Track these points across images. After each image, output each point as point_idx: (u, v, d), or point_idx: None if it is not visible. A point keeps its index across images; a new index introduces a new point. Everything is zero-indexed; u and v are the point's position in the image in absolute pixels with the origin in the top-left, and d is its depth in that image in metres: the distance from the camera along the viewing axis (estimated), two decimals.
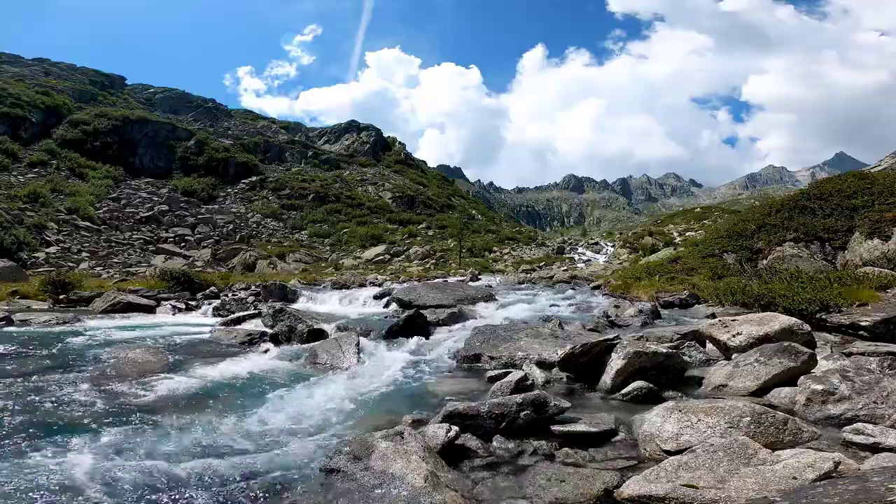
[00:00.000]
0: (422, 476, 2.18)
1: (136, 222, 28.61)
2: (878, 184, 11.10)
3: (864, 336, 5.01)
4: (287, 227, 35.92)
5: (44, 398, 3.54)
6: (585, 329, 5.86)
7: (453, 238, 32.73)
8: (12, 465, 2.44)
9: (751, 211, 14.60)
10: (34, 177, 29.76)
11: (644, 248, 25.00)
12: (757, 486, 1.91)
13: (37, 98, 38.49)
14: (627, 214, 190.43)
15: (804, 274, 7.76)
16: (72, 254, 21.19)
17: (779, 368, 3.29)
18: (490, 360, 4.72)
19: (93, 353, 5.09)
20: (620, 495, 2.09)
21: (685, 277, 10.57)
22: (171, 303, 9.57)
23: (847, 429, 2.54)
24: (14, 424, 3.02)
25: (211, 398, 3.71)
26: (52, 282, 10.48)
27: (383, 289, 11.32)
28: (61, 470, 2.39)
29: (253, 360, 5.01)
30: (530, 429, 2.82)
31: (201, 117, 54.87)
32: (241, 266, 22.23)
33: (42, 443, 2.74)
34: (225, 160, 43.11)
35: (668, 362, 3.74)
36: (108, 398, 3.60)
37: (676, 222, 36.22)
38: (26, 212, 23.17)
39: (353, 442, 2.50)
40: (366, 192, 45.15)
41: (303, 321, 6.67)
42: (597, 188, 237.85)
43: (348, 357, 4.81)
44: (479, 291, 9.69)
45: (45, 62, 52.17)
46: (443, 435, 2.59)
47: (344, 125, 65.60)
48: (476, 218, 46.72)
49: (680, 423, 2.57)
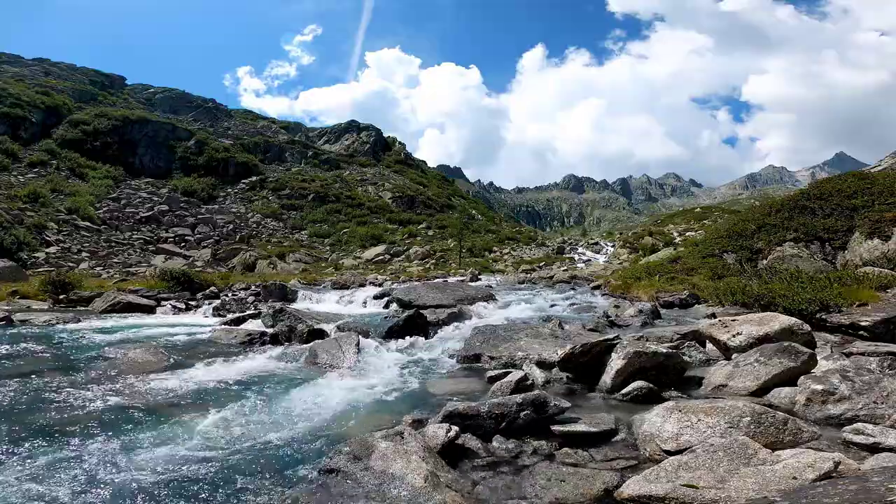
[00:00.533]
0: (422, 476, 2.18)
1: (136, 222, 28.61)
2: (878, 184, 11.10)
3: (864, 336, 5.01)
4: (287, 227, 35.92)
5: (44, 398, 3.54)
6: (585, 329, 5.86)
7: (453, 238, 32.74)
8: (12, 466, 2.44)
9: (751, 211, 14.60)
10: (34, 177, 29.76)
11: (644, 248, 25.01)
12: (757, 486, 1.91)
13: (37, 98, 38.49)
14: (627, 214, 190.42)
15: (804, 274, 7.76)
16: (72, 254, 21.19)
17: (779, 368, 3.29)
18: (490, 360, 4.72)
19: (93, 353, 5.09)
20: (620, 495, 2.09)
21: (685, 277, 10.57)
22: (171, 303, 9.58)
23: (847, 429, 2.54)
24: (14, 424, 3.02)
25: (211, 398, 3.71)
26: (52, 282, 10.48)
27: (383, 289, 11.33)
28: (61, 470, 2.39)
29: (253, 360, 5.01)
30: (530, 429, 2.82)
31: (201, 117, 54.87)
32: (241, 266, 22.23)
33: (42, 443, 2.74)
34: (225, 160, 43.11)
35: (668, 362, 3.74)
36: (108, 398, 3.59)
37: (676, 222, 36.22)
38: (26, 212, 23.17)
39: (353, 442, 2.50)
40: (366, 192, 45.15)
41: (303, 321, 6.67)
42: (597, 188, 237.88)
43: (348, 357, 4.81)
44: (479, 291, 9.69)
45: (45, 62, 52.17)
46: (443, 435, 2.59)
47: (344, 125, 65.61)
48: (476, 218, 46.71)
49: (680, 423, 2.57)
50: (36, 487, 2.22)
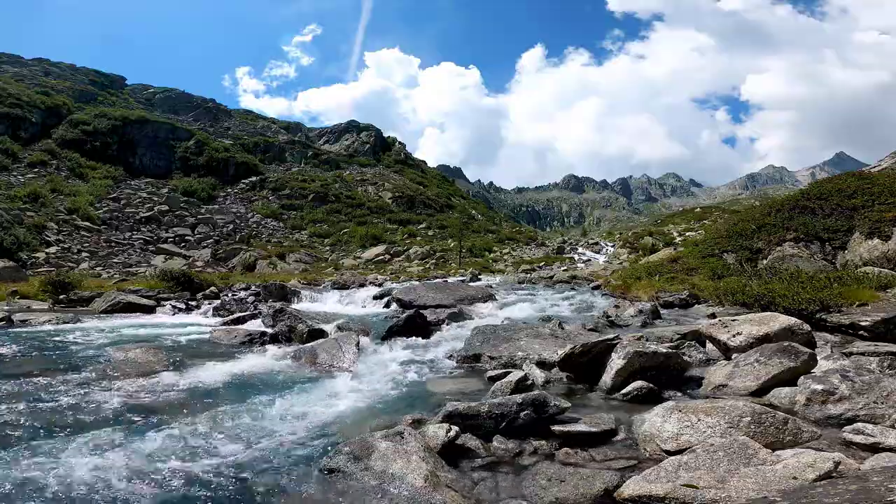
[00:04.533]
0: (422, 476, 2.18)
1: (136, 222, 28.61)
2: (878, 184, 11.09)
3: (864, 336, 5.00)
4: (287, 227, 35.93)
5: (44, 398, 3.54)
6: (585, 329, 5.86)
7: (453, 238, 32.76)
8: (12, 466, 2.44)
9: (751, 211, 14.59)
10: (34, 177, 29.77)
11: (644, 248, 25.01)
12: (757, 486, 1.91)
13: (37, 98, 38.51)
14: (627, 214, 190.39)
15: (804, 274, 7.75)
16: (72, 254, 21.19)
17: (779, 368, 3.28)
18: (490, 360, 4.72)
19: (93, 353, 5.09)
20: (620, 495, 2.09)
21: (685, 277, 10.56)
22: (171, 303, 9.58)
23: (847, 429, 2.54)
24: (14, 425, 3.02)
25: (211, 398, 3.71)
26: (52, 282, 10.49)
27: (383, 289, 11.32)
28: (61, 470, 2.39)
29: (253, 360, 5.01)
30: (530, 429, 2.82)
31: (201, 117, 54.88)
32: (241, 266, 22.23)
33: (42, 443, 2.74)
34: (225, 160, 43.12)
35: (668, 362, 3.74)
36: (109, 398, 3.59)
37: (676, 222, 36.24)
38: (26, 212, 23.17)
39: (353, 442, 2.50)
40: (366, 192, 45.16)
41: (303, 321, 6.67)
42: (597, 188, 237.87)
43: (348, 357, 4.81)
44: (479, 291, 9.69)
45: (45, 62, 52.18)
46: (443, 435, 2.59)
47: (344, 125, 65.63)
48: (476, 218, 46.72)
49: (680, 423, 2.57)
50: (36, 487, 2.22)
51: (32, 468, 2.41)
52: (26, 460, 2.51)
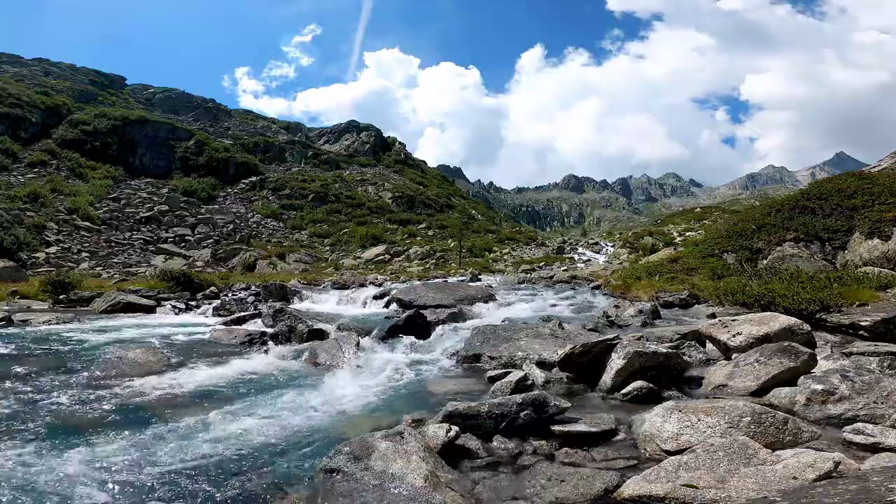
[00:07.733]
0: (422, 476, 2.17)
1: (136, 222, 28.62)
2: (878, 184, 11.08)
3: (864, 336, 5.00)
4: (287, 227, 35.93)
5: (44, 398, 3.54)
6: (585, 329, 5.86)
7: (453, 238, 32.76)
8: (12, 466, 2.44)
9: (751, 211, 14.58)
10: (34, 177, 29.77)
11: (644, 248, 25.01)
12: (757, 486, 1.91)
13: (37, 98, 38.51)
14: (627, 214, 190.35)
15: (804, 274, 7.74)
16: (72, 254, 21.20)
17: (779, 368, 3.28)
18: (490, 360, 4.72)
19: (93, 353, 5.08)
20: (620, 495, 2.09)
21: (685, 277, 10.56)
22: (171, 303, 9.57)
23: (847, 429, 2.54)
24: (14, 425, 3.02)
25: (211, 398, 3.71)
26: (52, 282, 10.49)
27: (383, 289, 11.32)
28: (61, 470, 2.39)
29: (253, 360, 5.01)
30: (530, 429, 2.82)
31: (201, 117, 54.88)
32: (241, 266, 22.23)
33: (42, 443, 2.74)
34: (225, 160, 43.12)
35: (668, 362, 3.74)
36: (109, 398, 3.60)
37: (676, 222, 36.25)
38: (26, 212, 23.17)
39: (353, 442, 2.50)
40: (366, 192, 45.17)
41: (303, 321, 6.67)
42: (597, 188, 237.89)
43: (348, 357, 4.81)
44: (479, 291, 9.69)
45: (45, 62, 52.19)
46: (443, 435, 2.59)
47: (344, 125, 65.64)
48: (476, 218, 46.73)
49: (680, 423, 2.57)
50: (35, 487, 2.22)
51: (32, 468, 2.41)
52: (26, 460, 2.51)
